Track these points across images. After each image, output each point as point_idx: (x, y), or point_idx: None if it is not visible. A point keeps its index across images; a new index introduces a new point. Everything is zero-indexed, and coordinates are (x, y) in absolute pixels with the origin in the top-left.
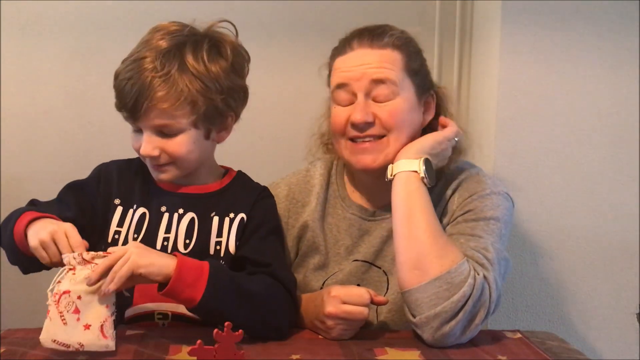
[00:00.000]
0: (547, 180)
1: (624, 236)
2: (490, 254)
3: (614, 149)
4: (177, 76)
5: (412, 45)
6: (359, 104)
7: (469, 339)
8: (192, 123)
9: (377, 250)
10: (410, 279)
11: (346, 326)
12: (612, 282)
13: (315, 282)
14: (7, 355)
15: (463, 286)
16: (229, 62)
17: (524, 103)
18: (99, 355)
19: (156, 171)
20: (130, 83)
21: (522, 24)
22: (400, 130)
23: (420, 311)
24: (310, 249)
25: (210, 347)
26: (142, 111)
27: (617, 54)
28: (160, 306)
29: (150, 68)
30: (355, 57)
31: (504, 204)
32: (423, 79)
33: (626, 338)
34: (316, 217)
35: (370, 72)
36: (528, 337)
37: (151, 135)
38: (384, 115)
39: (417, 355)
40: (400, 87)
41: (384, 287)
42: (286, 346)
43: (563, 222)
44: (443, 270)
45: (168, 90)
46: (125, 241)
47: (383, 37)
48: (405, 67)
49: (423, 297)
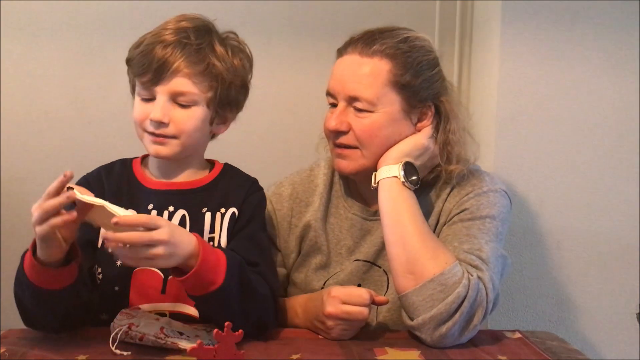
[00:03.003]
0: (547, 180)
1: (624, 236)
2: (484, 254)
3: (614, 149)
4: (207, 50)
5: (409, 55)
6: (337, 111)
7: (469, 339)
8: (206, 100)
9: (378, 250)
10: (405, 284)
11: (346, 326)
12: (612, 282)
13: (317, 282)
14: (7, 356)
15: (457, 287)
16: (247, 61)
17: (524, 103)
18: (99, 355)
19: (156, 144)
20: (162, 45)
21: (522, 24)
22: (374, 144)
23: (417, 314)
24: (312, 249)
25: (210, 347)
26: (168, 74)
27: (617, 54)
28: (157, 306)
29: (182, 36)
30: (343, 65)
31: (500, 202)
32: (417, 92)
33: (626, 338)
34: (319, 217)
35: (348, 87)
36: (528, 337)
37: (166, 102)
38: (357, 127)
39: (417, 355)
40: (380, 103)
41: (384, 286)
42: (286, 346)
43: (563, 222)
44: (436, 272)
45: (196, 58)
46: None
47: (374, 44)
48: (393, 80)
49: (419, 300)
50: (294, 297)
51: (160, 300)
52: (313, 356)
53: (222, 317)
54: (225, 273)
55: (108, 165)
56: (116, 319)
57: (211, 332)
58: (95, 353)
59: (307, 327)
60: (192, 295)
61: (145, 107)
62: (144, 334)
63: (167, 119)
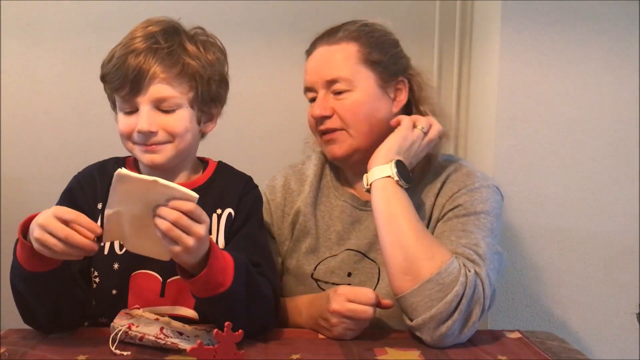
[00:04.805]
0: (547, 180)
1: (624, 236)
2: (481, 249)
3: (614, 149)
4: (179, 51)
5: (372, 36)
6: (318, 99)
7: (469, 338)
8: (189, 101)
9: (370, 242)
10: (402, 285)
11: (350, 325)
12: (612, 282)
13: (308, 265)
14: (7, 355)
15: (455, 285)
16: (220, 54)
17: (524, 103)
18: (99, 355)
19: (149, 153)
20: (133, 55)
21: (522, 24)
22: (359, 122)
23: (417, 314)
24: (302, 232)
25: (210, 347)
26: (145, 82)
27: (617, 53)
28: (155, 309)
29: (152, 42)
30: (314, 58)
31: (493, 197)
32: (388, 67)
33: (626, 338)
34: (308, 203)
35: (324, 73)
36: (528, 337)
37: (150, 111)
38: (341, 109)
39: (417, 355)
40: (356, 80)
41: (375, 278)
42: (286, 346)
43: (563, 222)
44: (433, 271)
45: (170, 61)
46: (112, 248)
47: (337, 33)
48: (363, 58)
49: (417, 301)
50: (298, 297)
51: (159, 304)
52: (313, 356)
53: (227, 319)
54: (233, 275)
55: (100, 164)
56: (116, 319)
57: (211, 332)
58: (95, 353)
59: (310, 326)
60: (199, 297)
61: (129, 120)
62: (143, 334)
63: (155, 128)
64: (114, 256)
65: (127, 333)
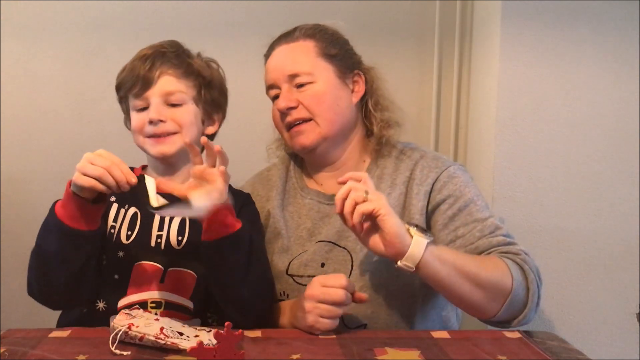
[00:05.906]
0: (547, 180)
1: (624, 236)
2: (500, 230)
3: (614, 149)
4: (183, 55)
5: (325, 33)
6: (282, 93)
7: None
8: (194, 98)
9: (339, 230)
10: (494, 307)
11: (322, 311)
12: (612, 282)
13: (281, 264)
14: (7, 355)
15: (530, 289)
16: (219, 70)
17: (524, 103)
18: (99, 355)
19: (158, 144)
20: (143, 59)
21: (522, 24)
22: (325, 110)
23: (508, 325)
24: (273, 234)
25: (210, 347)
26: (156, 76)
27: (617, 54)
28: (153, 294)
29: (159, 48)
30: (274, 58)
31: (466, 176)
32: (344, 60)
33: (626, 338)
34: (276, 205)
35: (286, 69)
36: (528, 337)
37: (160, 104)
38: (305, 99)
39: (417, 355)
40: (317, 72)
41: (349, 265)
42: (286, 346)
43: (563, 222)
44: (507, 291)
45: (176, 61)
46: (118, 236)
47: (294, 33)
48: (320, 52)
49: (505, 316)
50: (284, 301)
51: (158, 289)
52: (313, 356)
53: (226, 271)
54: (242, 224)
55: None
56: (116, 319)
57: (211, 332)
58: (95, 353)
59: (291, 323)
60: (207, 241)
61: (141, 116)
62: (144, 334)
63: (164, 117)
64: (120, 245)
65: (127, 333)
